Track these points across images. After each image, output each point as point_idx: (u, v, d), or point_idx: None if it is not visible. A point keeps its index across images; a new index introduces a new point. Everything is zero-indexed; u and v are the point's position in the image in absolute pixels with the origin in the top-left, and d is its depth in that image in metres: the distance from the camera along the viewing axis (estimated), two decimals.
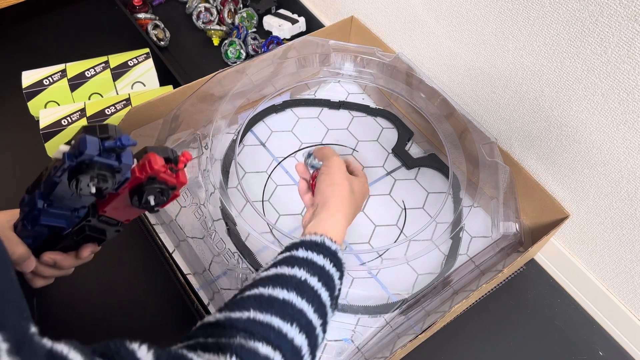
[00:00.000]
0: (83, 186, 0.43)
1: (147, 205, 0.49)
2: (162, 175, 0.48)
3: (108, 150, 0.44)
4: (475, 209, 0.82)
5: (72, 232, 0.52)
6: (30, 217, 0.49)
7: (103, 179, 0.44)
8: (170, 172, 0.49)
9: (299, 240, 0.55)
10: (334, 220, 0.58)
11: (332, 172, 0.63)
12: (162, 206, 0.51)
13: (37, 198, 0.47)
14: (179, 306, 0.76)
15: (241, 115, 0.88)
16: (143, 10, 1.11)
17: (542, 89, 0.71)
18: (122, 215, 0.53)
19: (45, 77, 0.91)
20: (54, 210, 0.48)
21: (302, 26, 1.13)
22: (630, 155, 0.65)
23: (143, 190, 0.48)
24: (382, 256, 0.77)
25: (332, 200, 0.60)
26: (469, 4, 0.75)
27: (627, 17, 0.56)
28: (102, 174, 0.44)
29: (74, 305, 0.77)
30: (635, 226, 0.70)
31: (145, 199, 0.48)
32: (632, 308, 0.77)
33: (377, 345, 0.67)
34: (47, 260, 0.54)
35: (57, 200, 0.47)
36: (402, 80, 0.88)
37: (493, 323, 0.79)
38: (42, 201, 0.47)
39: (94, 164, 0.43)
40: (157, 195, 0.49)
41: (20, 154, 0.92)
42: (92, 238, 0.53)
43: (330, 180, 0.63)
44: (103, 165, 0.44)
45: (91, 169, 0.43)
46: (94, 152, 0.43)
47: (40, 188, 0.47)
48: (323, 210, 0.59)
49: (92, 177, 0.43)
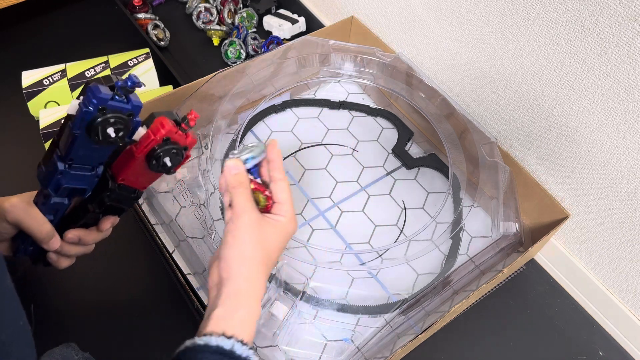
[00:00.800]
0: (104, 131, 0.45)
1: (164, 167, 0.51)
2: (174, 137, 0.50)
3: (119, 93, 0.46)
4: (475, 209, 0.82)
5: (93, 206, 0.54)
6: (52, 183, 0.50)
7: (121, 122, 0.46)
8: (181, 132, 0.51)
9: (202, 342, 0.43)
10: (245, 312, 0.46)
11: (240, 236, 0.49)
12: (176, 168, 0.53)
13: (57, 161, 0.49)
14: (179, 306, 0.76)
15: (241, 115, 0.88)
16: (143, 10, 1.11)
17: (542, 89, 0.71)
18: (139, 183, 0.55)
19: (45, 77, 0.91)
20: (75, 171, 0.50)
21: (302, 26, 1.13)
22: (630, 155, 0.65)
23: (159, 153, 0.50)
24: (382, 256, 0.77)
25: (241, 281, 0.47)
26: (469, 4, 0.75)
27: (627, 17, 0.56)
28: (119, 117, 0.46)
29: (74, 306, 0.77)
30: (635, 226, 0.70)
31: (162, 160, 0.50)
32: (632, 308, 0.77)
33: (377, 345, 0.67)
34: (72, 237, 0.54)
35: (77, 158, 0.49)
36: (402, 80, 0.88)
37: (493, 323, 0.79)
38: (62, 163, 0.49)
39: (109, 109, 0.45)
40: (172, 156, 0.51)
41: (20, 154, 0.92)
42: (113, 209, 0.55)
43: (239, 250, 0.48)
44: (117, 108, 0.46)
45: (108, 113, 0.45)
46: (107, 95, 0.45)
47: (58, 152, 0.49)
48: (231, 294, 0.46)
49: (111, 121, 0.45)
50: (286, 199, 0.52)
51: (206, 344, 0.42)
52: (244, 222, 0.49)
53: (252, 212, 0.50)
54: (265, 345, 0.66)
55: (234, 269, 0.47)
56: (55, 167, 0.49)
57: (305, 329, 0.68)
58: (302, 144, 0.88)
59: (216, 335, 0.43)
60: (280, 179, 0.53)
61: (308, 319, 0.69)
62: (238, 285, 0.47)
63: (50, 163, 0.49)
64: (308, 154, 0.87)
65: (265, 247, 0.50)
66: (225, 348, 0.42)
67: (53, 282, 0.78)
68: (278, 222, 0.51)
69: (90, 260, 0.63)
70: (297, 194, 0.82)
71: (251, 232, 0.49)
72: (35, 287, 0.77)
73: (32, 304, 0.74)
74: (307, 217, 0.80)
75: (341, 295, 0.71)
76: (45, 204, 0.52)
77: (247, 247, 0.48)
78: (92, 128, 0.45)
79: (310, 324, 0.69)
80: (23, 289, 0.55)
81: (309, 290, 0.70)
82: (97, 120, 0.45)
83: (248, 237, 0.49)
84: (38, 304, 0.75)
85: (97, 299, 0.77)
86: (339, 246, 0.78)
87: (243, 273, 0.47)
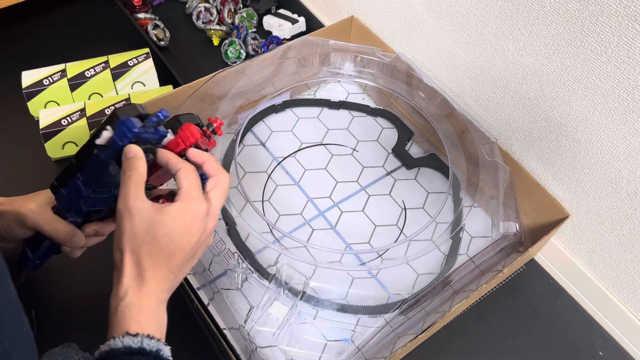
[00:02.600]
0: None
1: None
2: (200, 144, 0.52)
3: (149, 125, 0.48)
4: (475, 209, 0.82)
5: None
6: (74, 207, 0.52)
7: (152, 152, 0.48)
8: (205, 138, 0.53)
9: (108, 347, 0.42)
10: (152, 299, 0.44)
11: (122, 224, 0.46)
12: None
13: (81, 186, 0.50)
14: (179, 306, 0.76)
15: (241, 115, 0.88)
16: (143, 10, 1.11)
17: (542, 89, 0.71)
18: (159, 182, 0.57)
19: (45, 77, 0.91)
20: (97, 195, 0.51)
21: (302, 26, 1.13)
22: (630, 155, 0.65)
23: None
24: (382, 256, 0.77)
25: (147, 262, 0.45)
26: (469, 4, 0.75)
27: (627, 17, 0.56)
28: (150, 149, 0.48)
29: (74, 306, 0.77)
30: (635, 226, 0.70)
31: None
32: (632, 308, 0.77)
33: (377, 346, 0.67)
34: (90, 231, 0.56)
35: (101, 183, 0.50)
36: (402, 80, 0.88)
37: (493, 323, 0.79)
38: (87, 189, 0.50)
39: (141, 140, 0.47)
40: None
41: (20, 154, 0.92)
42: None
43: (122, 238, 0.45)
44: (147, 139, 0.48)
45: (139, 145, 0.47)
46: (140, 130, 0.47)
47: (80, 177, 0.50)
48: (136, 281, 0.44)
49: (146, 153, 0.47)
50: (183, 184, 0.48)
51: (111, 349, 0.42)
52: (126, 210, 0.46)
53: (135, 200, 0.46)
54: (265, 345, 0.66)
55: (116, 257, 0.46)
56: (79, 192, 0.50)
57: (305, 329, 0.68)
58: (302, 144, 0.88)
59: (119, 337, 0.42)
60: (179, 168, 0.49)
61: (308, 319, 0.69)
62: (141, 265, 0.45)
63: (72, 187, 0.50)
64: (308, 154, 0.87)
65: (153, 236, 0.45)
66: (133, 349, 0.41)
67: (54, 282, 0.78)
68: (168, 208, 0.47)
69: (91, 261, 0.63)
70: (297, 194, 0.82)
71: (131, 221, 0.45)
72: (36, 287, 0.77)
73: (34, 310, 0.74)
74: (307, 217, 0.80)
75: (341, 295, 0.71)
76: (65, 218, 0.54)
77: (127, 237, 0.45)
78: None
79: (310, 324, 0.69)
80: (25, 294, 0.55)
81: (309, 290, 0.70)
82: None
83: (129, 226, 0.45)
84: (38, 304, 0.75)
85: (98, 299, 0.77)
86: (339, 246, 0.78)
87: (127, 264, 0.45)
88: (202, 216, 0.47)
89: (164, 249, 0.46)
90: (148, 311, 0.44)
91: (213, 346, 0.72)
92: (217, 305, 0.70)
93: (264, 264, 0.72)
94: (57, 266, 0.80)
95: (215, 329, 0.66)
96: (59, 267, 0.79)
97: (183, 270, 0.48)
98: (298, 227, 0.79)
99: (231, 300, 0.69)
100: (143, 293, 0.44)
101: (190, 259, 0.48)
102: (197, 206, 0.47)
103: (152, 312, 0.44)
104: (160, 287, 0.46)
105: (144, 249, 0.45)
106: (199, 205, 0.47)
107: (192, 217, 0.47)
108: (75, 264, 0.59)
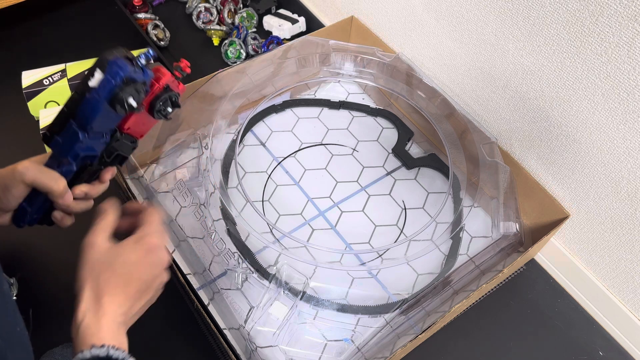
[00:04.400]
0: (128, 101, 0.49)
1: (165, 113, 0.55)
2: (172, 84, 0.54)
3: (138, 66, 0.50)
4: (475, 209, 0.82)
5: (102, 156, 0.56)
6: (70, 151, 0.52)
7: (139, 93, 0.50)
8: (175, 80, 0.55)
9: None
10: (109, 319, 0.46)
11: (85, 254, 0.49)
12: (171, 115, 0.56)
13: (77, 130, 0.51)
14: (179, 306, 0.76)
15: (241, 115, 0.88)
16: (143, 10, 1.11)
17: (542, 89, 0.71)
18: (139, 131, 0.58)
19: (45, 77, 0.91)
20: (90, 140, 0.52)
21: (302, 26, 1.13)
22: (630, 155, 0.65)
23: (164, 99, 0.54)
24: (382, 256, 0.77)
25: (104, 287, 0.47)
26: (469, 4, 0.75)
27: (627, 17, 0.56)
28: (141, 87, 0.50)
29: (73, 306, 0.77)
30: (635, 226, 0.70)
31: (165, 108, 0.54)
32: (632, 308, 0.77)
33: (377, 346, 0.67)
34: (79, 193, 0.56)
35: (96, 127, 0.51)
36: (402, 80, 0.88)
37: (493, 323, 0.79)
38: (83, 132, 0.51)
39: (130, 81, 0.48)
40: (173, 104, 0.55)
41: (20, 154, 0.91)
42: (119, 159, 0.58)
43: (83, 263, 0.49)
44: (137, 79, 0.49)
45: (129, 85, 0.48)
46: (131, 70, 0.48)
47: (74, 122, 0.51)
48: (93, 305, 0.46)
49: (133, 92, 0.49)
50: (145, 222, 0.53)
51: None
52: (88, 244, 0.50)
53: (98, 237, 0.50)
54: (265, 345, 0.66)
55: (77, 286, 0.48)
56: (75, 136, 0.51)
57: (305, 329, 0.68)
58: (302, 144, 0.88)
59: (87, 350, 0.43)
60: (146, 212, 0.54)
61: (308, 319, 0.69)
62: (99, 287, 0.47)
63: (67, 133, 0.51)
64: (308, 154, 0.87)
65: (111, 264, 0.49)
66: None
67: (53, 282, 0.78)
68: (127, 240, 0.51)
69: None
70: (297, 194, 0.82)
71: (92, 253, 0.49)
72: (35, 287, 0.77)
73: (31, 309, 0.74)
74: (307, 217, 0.80)
75: (341, 295, 0.71)
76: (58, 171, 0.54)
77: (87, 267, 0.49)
78: (116, 99, 0.48)
79: (311, 324, 0.69)
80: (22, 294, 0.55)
81: (309, 290, 0.70)
82: (124, 90, 0.48)
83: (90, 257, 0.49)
84: (38, 304, 0.75)
85: None
86: (339, 246, 0.78)
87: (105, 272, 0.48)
88: (157, 249, 0.51)
89: (121, 277, 0.48)
90: (107, 329, 0.45)
91: (213, 346, 0.72)
92: (217, 305, 0.70)
93: (264, 264, 0.72)
94: (56, 265, 0.80)
95: (215, 329, 0.66)
96: (58, 266, 0.79)
97: (140, 301, 0.50)
98: (298, 227, 0.79)
99: (231, 300, 0.69)
100: (100, 315, 0.46)
101: (146, 290, 0.50)
102: (153, 240, 0.51)
103: (111, 332, 0.45)
104: (117, 310, 0.47)
105: (102, 277, 0.48)
106: (154, 239, 0.51)
107: (147, 249, 0.50)
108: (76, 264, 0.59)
